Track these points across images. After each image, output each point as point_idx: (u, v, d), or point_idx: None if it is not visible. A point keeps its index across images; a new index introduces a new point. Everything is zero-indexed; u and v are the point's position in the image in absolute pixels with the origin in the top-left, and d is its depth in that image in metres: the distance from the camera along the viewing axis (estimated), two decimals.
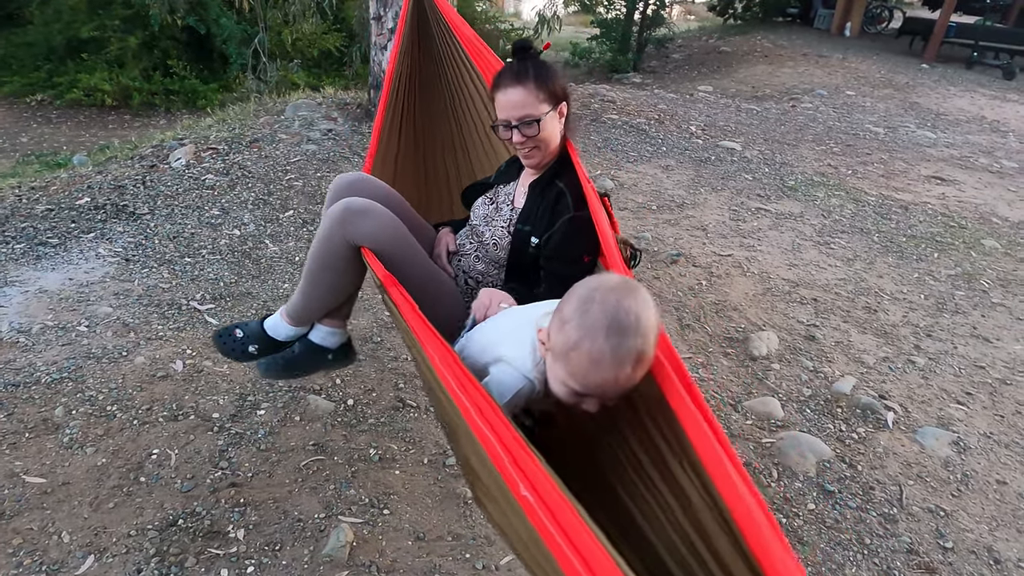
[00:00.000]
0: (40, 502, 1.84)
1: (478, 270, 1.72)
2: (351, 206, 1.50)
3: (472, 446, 1.04)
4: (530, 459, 0.93)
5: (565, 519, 0.85)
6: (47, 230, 3.30)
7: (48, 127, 7.65)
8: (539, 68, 1.58)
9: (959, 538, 2.03)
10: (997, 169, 5.86)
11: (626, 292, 1.08)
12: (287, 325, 1.71)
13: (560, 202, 1.59)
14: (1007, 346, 3.09)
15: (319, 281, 1.60)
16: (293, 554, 1.77)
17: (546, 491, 0.88)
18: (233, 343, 1.72)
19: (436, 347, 1.16)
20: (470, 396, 1.05)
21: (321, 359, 1.76)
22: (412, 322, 1.25)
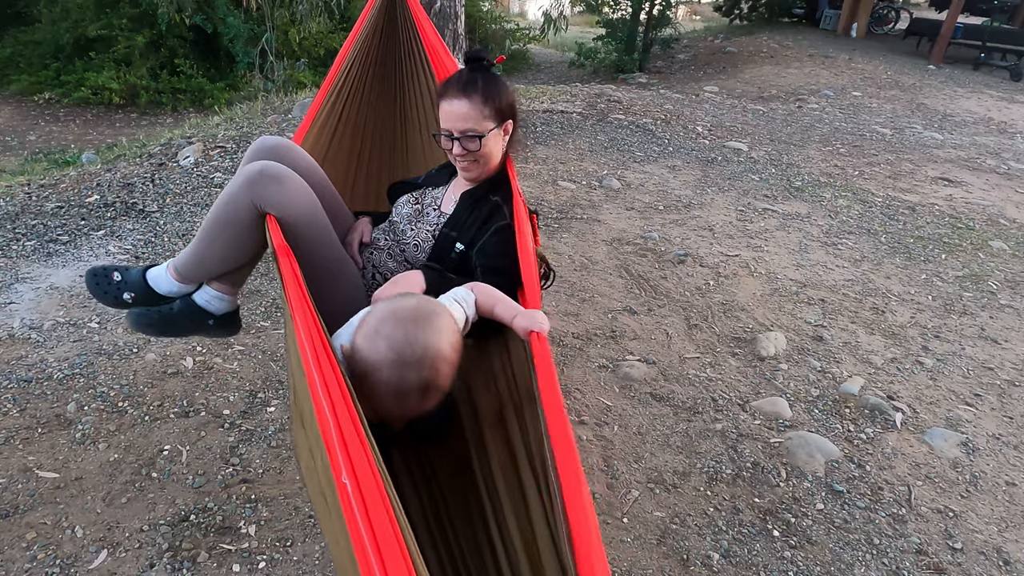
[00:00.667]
0: (53, 497, 1.85)
1: (388, 267, 1.66)
2: (266, 170, 1.44)
3: (312, 423, 1.01)
4: (362, 448, 0.91)
5: (377, 516, 0.82)
6: (57, 227, 3.32)
7: (56, 125, 7.69)
8: (488, 83, 1.55)
9: (968, 539, 2.03)
10: (1004, 171, 5.85)
11: (414, 321, 1.11)
12: (172, 279, 1.60)
13: (495, 213, 1.58)
14: (1015, 347, 3.08)
15: (216, 238, 1.52)
16: (304, 550, 1.78)
17: (367, 482, 0.86)
18: (107, 285, 1.60)
19: (306, 320, 1.12)
20: (323, 373, 1.01)
21: (200, 323, 1.65)
22: (291, 292, 1.21)
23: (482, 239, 1.56)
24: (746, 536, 1.96)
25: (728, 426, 2.39)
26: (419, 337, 1.09)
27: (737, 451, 2.28)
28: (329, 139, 2.18)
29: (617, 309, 3.05)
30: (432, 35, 2.13)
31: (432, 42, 2.12)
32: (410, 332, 1.10)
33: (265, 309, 2.82)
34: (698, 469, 2.19)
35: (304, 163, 1.67)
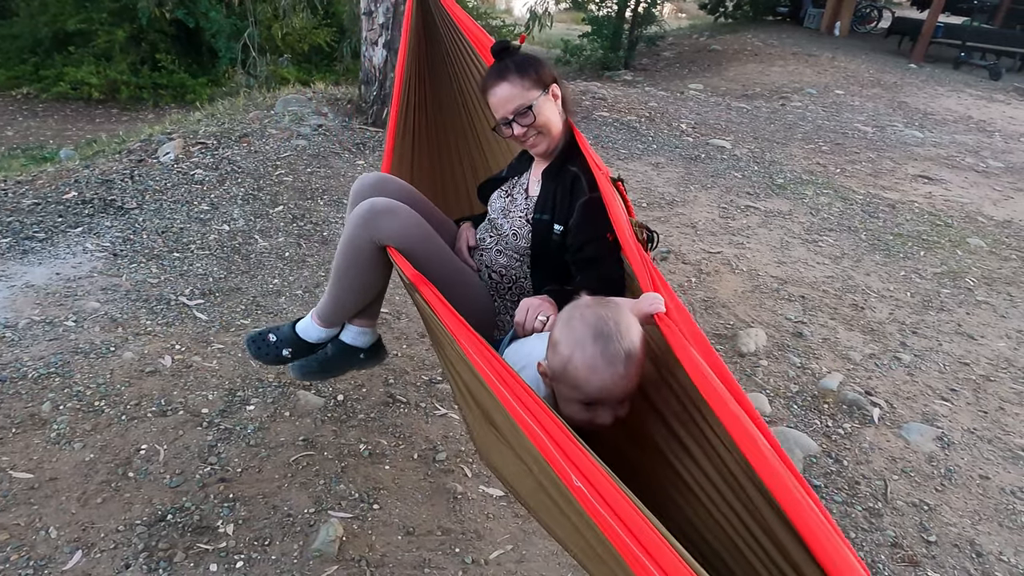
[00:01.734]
0: (27, 497, 1.83)
1: (500, 263, 1.73)
2: (375, 206, 1.52)
3: (517, 439, 1.04)
4: (578, 449, 0.94)
5: (622, 509, 0.86)
6: (33, 224, 3.27)
7: (34, 121, 7.57)
8: (519, 60, 1.60)
9: (942, 532, 2.06)
10: (983, 168, 5.93)
11: (600, 304, 1.17)
12: (318, 327, 1.74)
13: (576, 186, 1.60)
14: (991, 343, 3.13)
15: (347, 282, 1.63)
16: (283, 549, 1.77)
17: (599, 481, 0.90)
18: (267, 347, 1.76)
19: (472, 343, 1.17)
20: (511, 389, 1.06)
21: (353, 358, 1.79)
22: (446, 319, 1.26)
23: (571, 221, 1.59)
24: None
25: None
26: (608, 314, 1.14)
27: None
28: (411, 159, 2.22)
29: None
30: (471, 24, 2.12)
31: (473, 31, 2.11)
32: (600, 311, 1.15)
33: (245, 307, 2.80)
34: None
35: (403, 190, 1.76)
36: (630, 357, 1.11)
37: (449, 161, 2.42)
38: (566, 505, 0.96)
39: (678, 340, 1.15)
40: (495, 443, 1.21)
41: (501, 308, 1.75)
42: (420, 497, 2.00)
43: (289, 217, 3.60)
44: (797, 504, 0.87)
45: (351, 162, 4.36)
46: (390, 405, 2.35)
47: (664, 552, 0.81)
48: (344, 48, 8.50)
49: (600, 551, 0.91)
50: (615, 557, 0.84)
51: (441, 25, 2.28)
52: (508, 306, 1.74)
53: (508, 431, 1.11)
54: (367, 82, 4.95)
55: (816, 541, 0.84)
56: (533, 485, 1.07)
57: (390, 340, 2.67)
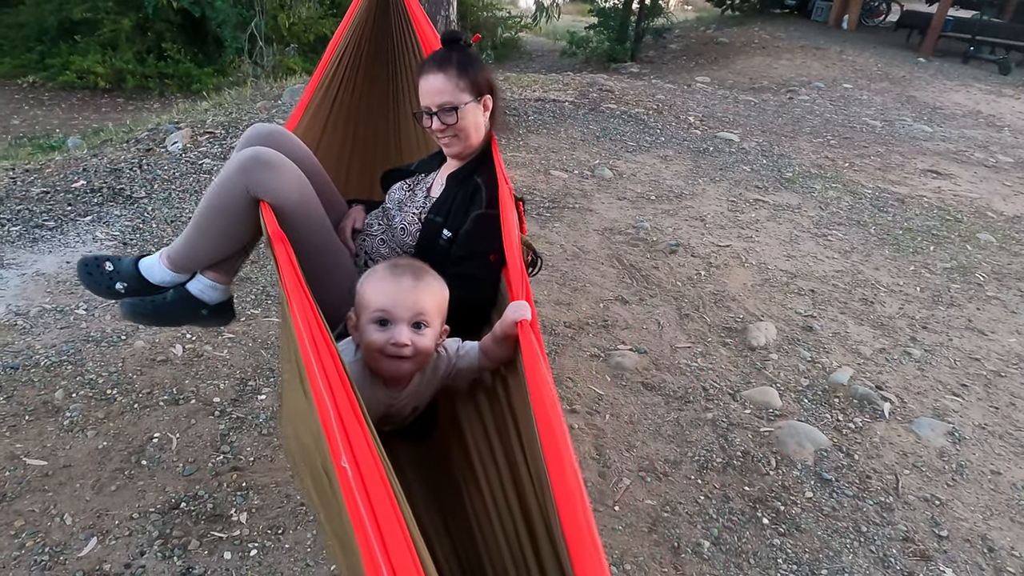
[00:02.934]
0: (41, 484, 1.83)
1: (380, 253, 1.66)
2: (260, 156, 1.43)
3: (309, 409, 1.00)
4: (362, 432, 0.91)
5: (379, 500, 0.82)
6: (43, 213, 3.27)
7: (40, 109, 7.57)
8: (463, 57, 1.56)
9: (954, 527, 2.05)
10: (992, 163, 5.89)
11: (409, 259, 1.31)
12: (165, 268, 1.59)
13: (475, 197, 1.58)
14: (1002, 339, 3.11)
15: (209, 227, 1.51)
16: (296, 538, 1.77)
17: (368, 467, 0.86)
18: (100, 276, 1.59)
19: (303, 307, 1.12)
20: (321, 359, 1.01)
21: (195, 312, 1.64)
22: (287, 279, 1.20)
23: (462, 229, 1.56)
24: (736, 524, 1.98)
25: (719, 415, 2.40)
26: (416, 260, 1.28)
27: (727, 440, 2.29)
28: (322, 127, 2.16)
29: (609, 299, 3.05)
30: (424, 23, 2.11)
31: (424, 29, 2.10)
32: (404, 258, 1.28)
33: (255, 296, 2.80)
34: (689, 458, 2.20)
35: (298, 150, 1.66)
36: (417, 276, 1.22)
37: (363, 141, 2.37)
38: (328, 485, 0.92)
39: (530, 347, 1.14)
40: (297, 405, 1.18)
41: None
42: None
43: None
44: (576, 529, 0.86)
45: None
46: None
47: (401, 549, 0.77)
48: None
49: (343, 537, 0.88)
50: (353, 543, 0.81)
51: (394, 11, 2.26)
52: None
53: (302, 404, 1.06)
54: None
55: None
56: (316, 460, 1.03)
57: None
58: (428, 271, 1.25)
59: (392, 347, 1.18)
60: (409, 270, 1.22)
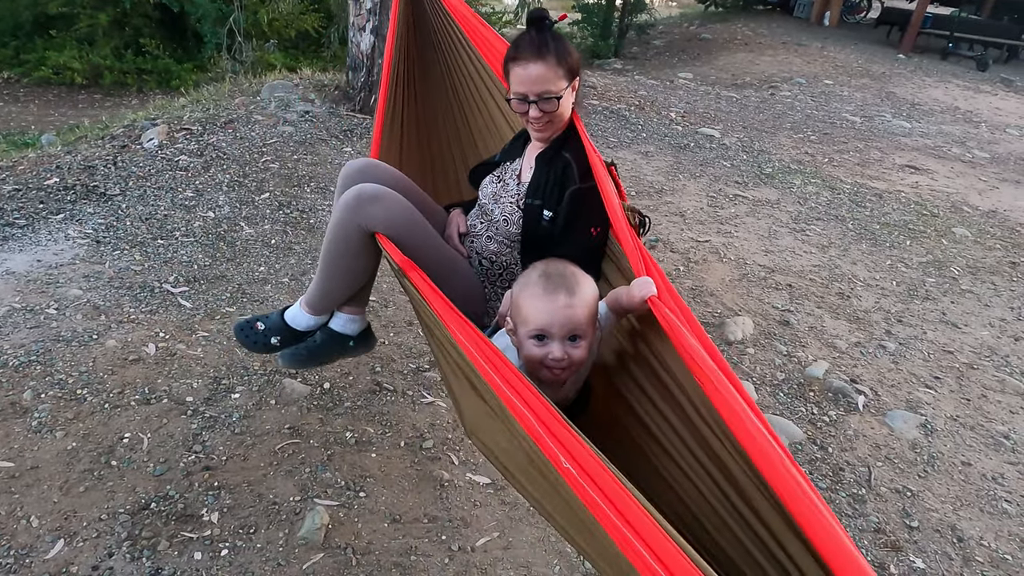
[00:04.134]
0: (8, 486, 1.80)
1: (491, 250, 1.71)
2: (363, 192, 1.51)
3: (507, 423, 1.05)
4: (567, 432, 0.94)
5: (611, 490, 0.86)
6: (14, 211, 3.22)
7: (15, 106, 7.44)
8: (559, 43, 1.57)
9: (924, 517, 2.08)
10: (969, 159, 5.97)
11: (550, 260, 1.29)
12: (307, 315, 1.72)
13: (567, 173, 1.59)
14: (975, 332, 3.15)
15: (336, 270, 1.62)
16: (268, 537, 1.76)
17: (587, 462, 0.90)
18: (255, 336, 1.74)
19: (463, 328, 1.17)
20: (499, 372, 1.06)
21: (343, 346, 1.78)
22: (436, 305, 1.25)
23: (560, 207, 1.58)
24: None
25: None
26: (556, 264, 1.26)
27: None
28: (399, 145, 2.19)
29: None
30: (462, 8, 2.10)
31: (464, 15, 2.09)
32: (548, 263, 1.27)
33: (230, 295, 2.77)
34: None
35: (391, 176, 1.73)
36: (571, 291, 1.20)
37: (438, 147, 2.40)
38: (554, 487, 0.96)
39: (671, 323, 1.16)
40: (485, 418, 1.21)
41: (492, 295, 1.74)
42: (406, 485, 1.99)
43: (275, 204, 3.57)
44: (792, 490, 0.87)
45: (338, 149, 4.32)
46: (377, 393, 2.34)
47: (654, 533, 0.81)
48: (331, 34, 8.40)
49: (590, 528, 0.91)
50: (605, 537, 0.85)
51: (430, 10, 2.26)
52: (499, 293, 1.73)
53: (496, 413, 1.11)
54: (354, 68, 4.90)
55: (816, 534, 0.84)
56: (523, 460, 1.07)
57: (377, 327, 2.65)
58: (579, 279, 1.24)
59: (551, 361, 1.22)
60: (563, 284, 1.21)
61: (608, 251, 1.56)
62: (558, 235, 1.58)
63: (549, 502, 1.06)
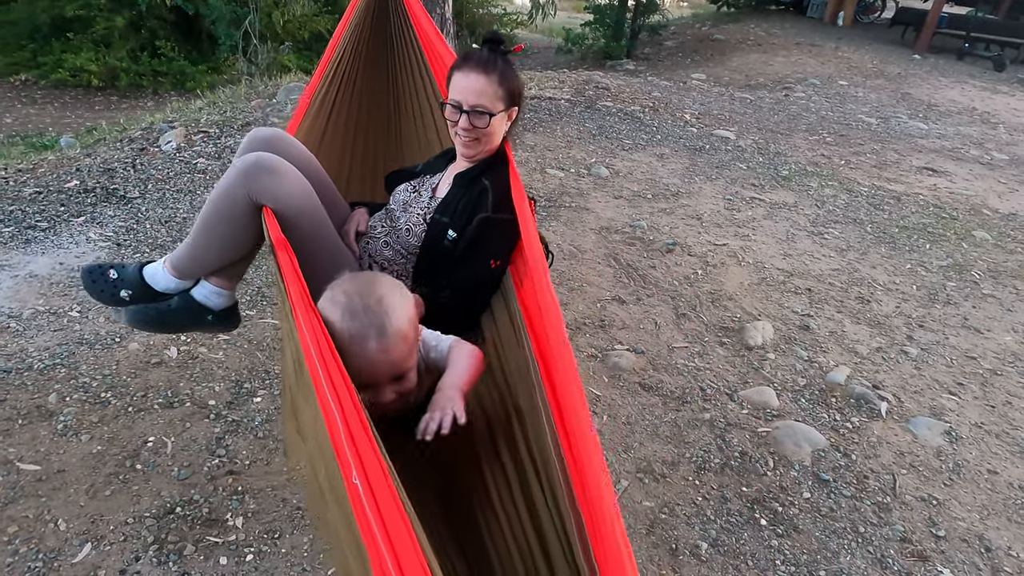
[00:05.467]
0: (35, 490, 1.82)
1: (385, 255, 1.65)
2: (261, 161, 1.43)
3: (316, 423, 1.00)
4: (371, 447, 0.90)
5: (390, 516, 0.81)
6: (36, 213, 3.25)
7: (33, 108, 7.52)
8: (506, 65, 1.57)
9: (951, 526, 2.06)
10: (988, 161, 5.90)
11: (356, 279, 1.19)
12: (169, 275, 1.59)
13: (481, 199, 1.57)
14: (998, 337, 3.12)
15: (213, 233, 1.51)
16: (293, 542, 1.76)
17: (378, 483, 0.85)
18: (104, 284, 1.60)
19: (308, 316, 1.11)
20: (328, 370, 1.00)
21: (200, 318, 1.64)
22: (292, 288, 1.19)
23: (467, 231, 1.55)
24: (734, 525, 1.97)
25: (716, 415, 2.40)
26: (372, 289, 1.15)
27: (725, 440, 2.29)
28: (322, 129, 2.14)
29: (606, 298, 3.05)
30: (425, 22, 2.10)
31: (425, 29, 2.09)
32: (363, 284, 1.16)
33: (251, 298, 2.78)
34: (686, 459, 2.20)
35: (299, 154, 1.65)
36: (381, 331, 1.11)
37: (364, 144, 2.36)
38: (340, 503, 0.91)
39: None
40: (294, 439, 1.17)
41: None
42: None
43: None
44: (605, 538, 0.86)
45: None
46: None
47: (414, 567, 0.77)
48: None
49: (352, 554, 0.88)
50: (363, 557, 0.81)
51: (393, 11, 2.24)
52: None
53: (314, 417, 1.04)
54: None
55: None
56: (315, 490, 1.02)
57: None
58: (386, 306, 1.13)
59: (386, 403, 1.19)
60: (371, 324, 1.11)
61: (501, 285, 1.53)
62: (456, 257, 1.55)
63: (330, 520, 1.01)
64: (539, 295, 1.30)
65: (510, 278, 1.49)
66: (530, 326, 1.31)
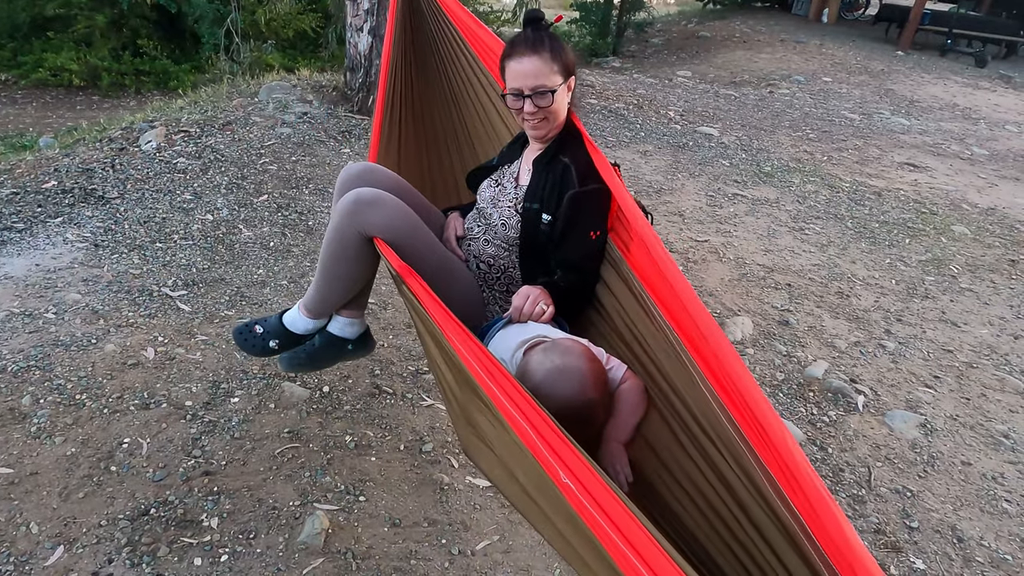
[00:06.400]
0: (7, 493, 1.80)
1: (488, 253, 1.71)
2: (361, 197, 1.50)
3: (504, 435, 1.04)
4: (564, 443, 0.94)
5: (610, 506, 0.85)
6: (12, 214, 3.21)
7: (13, 108, 7.43)
8: (554, 41, 1.58)
9: (924, 518, 2.08)
10: (968, 156, 5.96)
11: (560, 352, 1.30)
12: (305, 318, 1.72)
13: (565, 176, 1.59)
14: (974, 330, 3.15)
15: (334, 274, 1.61)
16: (268, 542, 1.76)
17: (586, 477, 0.89)
18: (254, 339, 1.75)
19: (459, 336, 1.17)
20: (499, 384, 1.05)
21: (341, 349, 1.78)
22: (433, 311, 1.25)
23: (559, 211, 1.58)
24: None
25: None
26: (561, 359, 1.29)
27: None
28: (397, 150, 2.18)
29: None
30: (459, 11, 2.10)
31: (461, 18, 2.09)
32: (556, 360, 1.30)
33: (229, 298, 2.77)
34: None
35: (389, 180, 1.73)
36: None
37: (436, 150, 2.40)
38: (553, 503, 0.95)
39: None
40: (477, 444, 1.20)
41: (490, 299, 1.74)
42: (406, 488, 1.99)
43: (274, 206, 3.56)
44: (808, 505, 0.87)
45: (336, 150, 4.32)
46: (376, 396, 2.34)
47: (653, 551, 0.80)
48: (329, 34, 8.38)
49: (585, 551, 0.90)
50: (603, 556, 0.84)
51: (428, 11, 2.25)
52: (496, 297, 1.73)
53: (495, 427, 1.10)
54: (352, 69, 4.89)
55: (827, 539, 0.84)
56: (517, 490, 1.07)
57: (376, 330, 2.65)
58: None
59: None
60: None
61: (607, 255, 1.56)
62: (557, 239, 1.59)
63: (546, 529, 1.06)
64: (652, 253, 1.31)
65: (614, 246, 1.52)
66: (651, 290, 1.32)
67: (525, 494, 1.06)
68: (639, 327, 1.39)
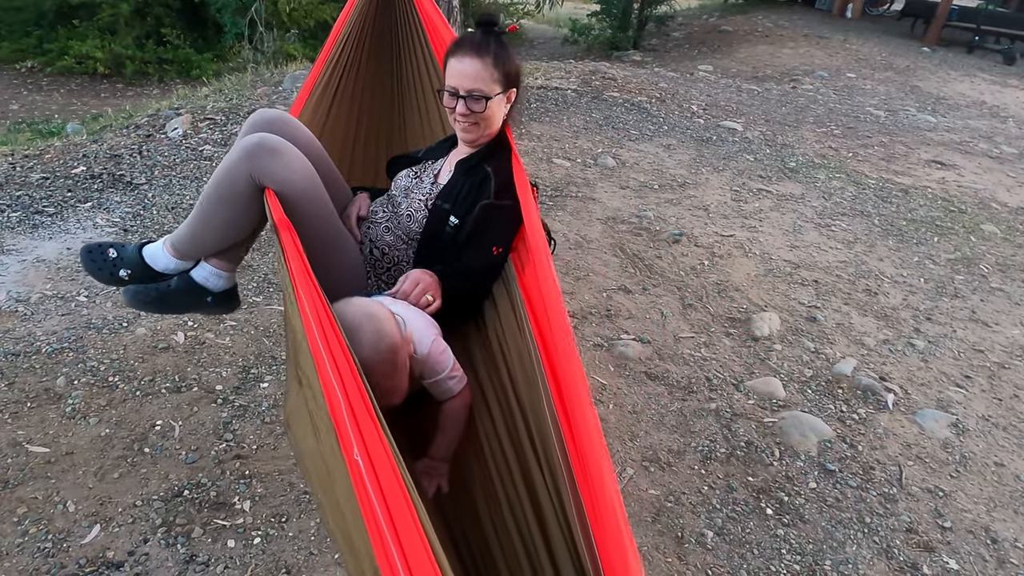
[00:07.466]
0: (44, 471, 1.83)
1: (386, 241, 1.63)
2: (265, 142, 1.41)
3: (316, 400, 1.00)
4: (373, 424, 0.90)
5: (392, 494, 0.81)
6: (43, 199, 3.25)
7: (39, 95, 7.52)
8: (500, 47, 1.54)
9: (957, 518, 2.05)
10: (996, 154, 5.86)
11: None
12: (169, 256, 1.57)
13: (483, 186, 1.56)
14: (1005, 330, 3.11)
15: (213, 214, 1.49)
16: (300, 526, 1.77)
17: (380, 461, 0.85)
18: (103, 262, 1.57)
19: (311, 295, 1.11)
20: (330, 348, 1.00)
21: (199, 300, 1.62)
22: (294, 267, 1.19)
23: (468, 219, 1.55)
24: (740, 514, 1.98)
25: (722, 405, 2.40)
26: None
27: (731, 430, 2.29)
28: (325, 113, 2.13)
29: (612, 288, 3.04)
30: (430, 7, 2.09)
31: (430, 14, 2.08)
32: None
33: (257, 284, 2.78)
34: (692, 448, 2.20)
35: (302, 136, 1.63)
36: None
37: (367, 129, 2.34)
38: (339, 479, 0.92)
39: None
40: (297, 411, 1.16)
41: (374, 287, 1.66)
42: None
43: None
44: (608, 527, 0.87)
45: None
46: None
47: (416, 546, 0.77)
48: None
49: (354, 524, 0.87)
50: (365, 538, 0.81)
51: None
52: (381, 286, 1.65)
53: (311, 393, 1.05)
54: None
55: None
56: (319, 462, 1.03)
57: None
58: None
59: None
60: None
61: (502, 273, 1.52)
62: (460, 244, 1.55)
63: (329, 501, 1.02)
64: (541, 280, 1.29)
65: (511, 264, 1.49)
66: (531, 311, 1.31)
67: (324, 467, 1.02)
68: (509, 342, 1.38)
